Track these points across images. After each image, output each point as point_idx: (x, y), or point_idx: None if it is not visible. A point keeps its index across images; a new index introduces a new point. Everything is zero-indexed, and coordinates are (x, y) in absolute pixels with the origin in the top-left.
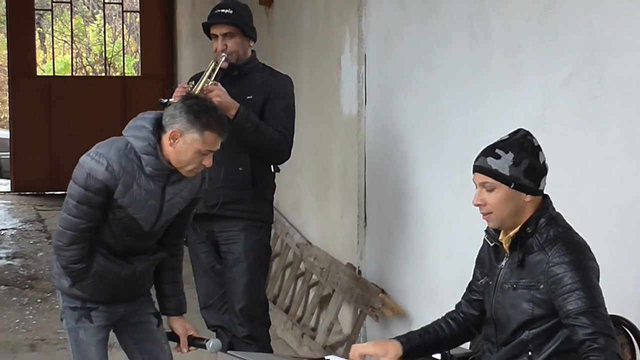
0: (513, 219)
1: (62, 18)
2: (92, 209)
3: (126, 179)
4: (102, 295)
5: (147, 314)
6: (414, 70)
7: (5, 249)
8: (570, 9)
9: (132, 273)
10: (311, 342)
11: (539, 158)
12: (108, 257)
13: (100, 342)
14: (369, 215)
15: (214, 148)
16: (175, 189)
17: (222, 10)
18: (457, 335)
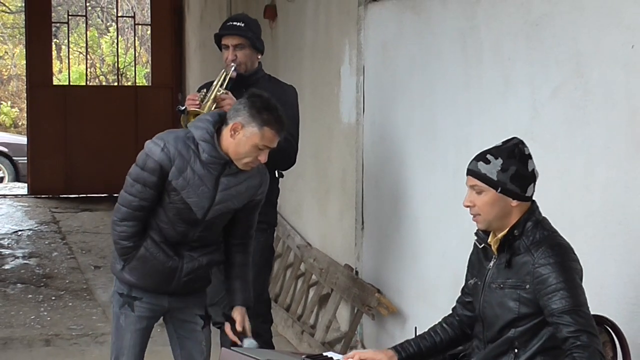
0: (500, 221)
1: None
2: (147, 188)
3: (180, 161)
4: (147, 282)
5: (195, 315)
6: (409, 81)
7: (22, 249)
8: (556, 25)
9: (178, 267)
10: (310, 339)
11: (527, 166)
12: (158, 245)
13: (139, 331)
14: (366, 219)
15: (271, 144)
16: (230, 181)
17: (234, 23)
18: (454, 339)
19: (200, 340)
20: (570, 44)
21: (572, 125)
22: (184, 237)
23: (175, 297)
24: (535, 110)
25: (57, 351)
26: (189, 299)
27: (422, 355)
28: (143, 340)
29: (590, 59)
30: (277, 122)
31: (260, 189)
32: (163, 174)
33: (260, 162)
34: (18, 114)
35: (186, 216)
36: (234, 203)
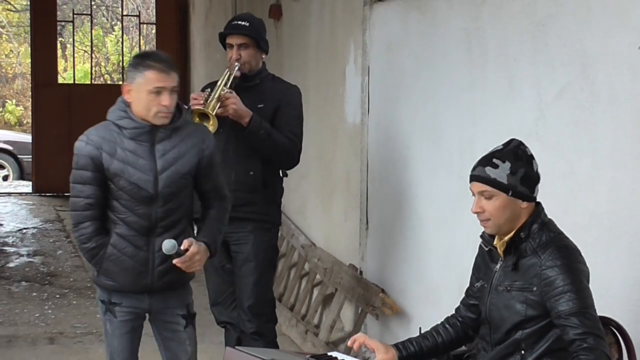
0: (509, 224)
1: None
2: (86, 185)
3: (108, 146)
4: (122, 281)
5: (176, 315)
6: (414, 82)
7: (26, 247)
8: (562, 26)
9: (149, 257)
10: (314, 338)
11: (533, 166)
12: (125, 238)
13: (124, 335)
14: (370, 219)
15: (161, 84)
16: (166, 146)
17: (239, 22)
18: (455, 339)
19: (184, 340)
20: (576, 45)
21: (577, 127)
22: (148, 219)
23: (156, 297)
24: (540, 111)
25: (61, 349)
26: (170, 299)
27: (423, 355)
28: (132, 343)
29: (596, 60)
30: (156, 61)
31: (204, 144)
32: (96, 165)
33: (166, 106)
34: (23, 112)
35: (138, 196)
36: (181, 166)
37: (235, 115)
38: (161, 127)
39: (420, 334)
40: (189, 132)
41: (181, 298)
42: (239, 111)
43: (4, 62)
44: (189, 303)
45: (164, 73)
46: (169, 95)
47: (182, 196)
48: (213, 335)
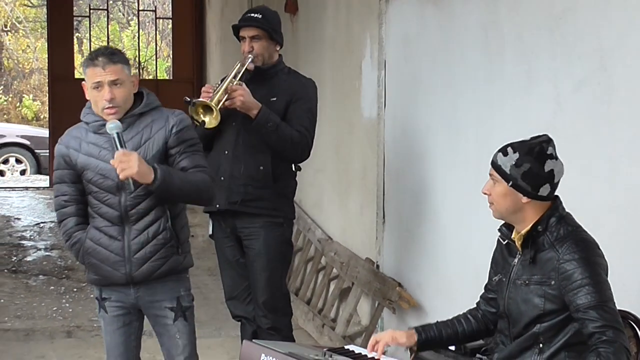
0: (512, 215)
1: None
2: (62, 183)
3: (74, 142)
4: (103, 273)
5: (164, 308)
6: (431, 76)
7: (44, 241)
8: (580, 19)
9: (124, 246)
10: (331, 332)
11: (543, 165)
12: (100, 230)
13: (116, 331)
14: (387, 213)
15: (98, 78)
16: (129, 134)
17: (251, 15)
18: (476, 331)
19: (173, 333)
20: (594, 38)
21: (595, 121)
22: (118, 208)
23: (142, 289)
24: (558, 105)
25: (78, 343)
26: (157, 291)
27: (442, 341)
28: (126, 338)
29: (614, 54)
30: (94, 58)
31: (169, 124)
32: (67, 163)
33: (107, 100)
34: (40, 107)
35: (105, 185)
36: (146, 151)
37: (243, 107)
38: (122, 117)
39: (441, 321)
40: (154, 117)
41: (170, 290)
42: (246, 103)
43: (21, 57)
44: (180, 295)
45: (99, 67)
46: (108, 88)
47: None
48: (229, 329)
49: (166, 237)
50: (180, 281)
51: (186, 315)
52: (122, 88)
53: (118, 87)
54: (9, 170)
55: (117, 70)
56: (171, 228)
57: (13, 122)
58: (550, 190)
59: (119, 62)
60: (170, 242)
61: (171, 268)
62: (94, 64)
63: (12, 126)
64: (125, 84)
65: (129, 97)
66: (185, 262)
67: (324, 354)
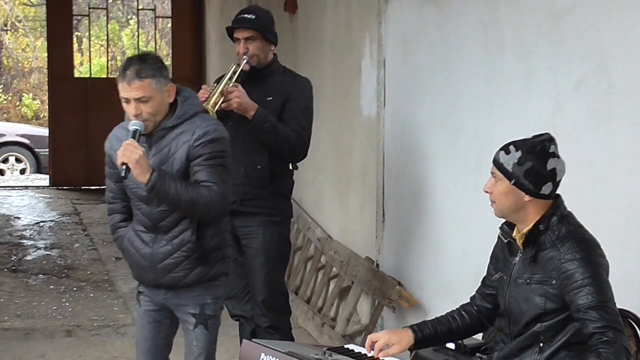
0: (514, 214)
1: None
2: (109, 180)
3: (117, 143)
4: (136, 272)
5: (187, 314)
6: (430, 75)
7: (43, 240)
8: (579, 18)
9: (151, 253)
10: (331, 331)
11: (545, 164)
12: (136, 232)
13: (147, 325)
14: (387, 212)
15: (124, 95)
16: (160, 146)
17: (245, 15)
18: (470, 327)
19: (191, 340)
20: (594, 37)
21: (595, 119)
22: (150, 217)
23: (170, 293)
24: (558, 103)
25: (78, 342)
26: (183, 296)
27: (438, 339)
28: (153, 335)
29: (614, 52)
30: (123, 71)
31: (192, 142)
32: (111, 162)
33: (133, 116)
34: (40, 106)
35: (138, 194)
36: (172, 165)
37: (240, 108)
38: (155, 129)
39: (436, 318)
40: (184, 129)
41: (196, 297)
42: (243, 104)
43: (20, 56)
44: (205, 303)
45: (125, 83)
46: (134, 104)
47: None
48: (228, 328)
49: (190, 249)
50: (208, 289)
51: (208, 324)
52: (149, 103)
53: (145, 103)
54: (8, 169)
55: (144, 87)
56: (195, 241)
57: (13, 121)
58: (552, 189)
59: (147, 77)
60: (195, 255)
61: (197, 279)
62: (122, 78)
63: (12, 125)
64: (154, 98)
65: (160, 110)
66: (214, 271)
67: (323, 353)
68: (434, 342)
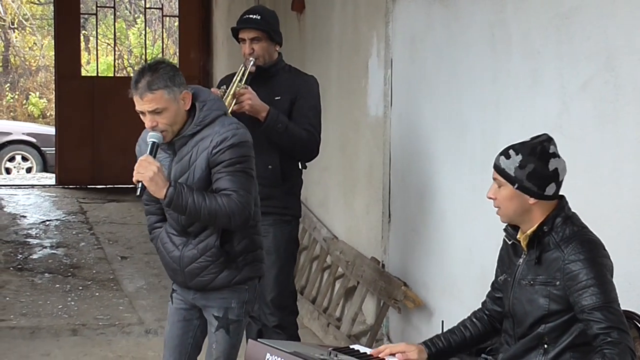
0: (520, 217)
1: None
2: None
3: (145, 148)
4: (168, 273)
5: (212, 315)
6: (437, 75)
7: (49, 239)
8: (586, 18)
9: (180, 256)
10: (336, 331)
11: (547, 165)
12: (168, 235)
13: (176, 323)
14: (393, 212)
15: (138, 108)
16: (182, 153)
17: (250, 16)
18: (483, 334)
19: (212, 342)
20: (601, 37)
21: (601, 120)
22: (178, 222)
23: (199, 294)
24: (564, 104)
25: (84, 341)
26: (210, 298)
27: (452, 351)
28: (182, 333)
29: (621, 53)
30: (135, 82)
31: (210, 149)
32: None
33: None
34: (46, 104)
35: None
36: (194, 172)
37: (252, 110)
38: (176, 137)
39: (448, 330)
40: (204, 135)
41: (222, 299)
42: (255, 106)
43: (27, 54)
44: (229, 307)
45: (138, 97)
46: (150, 116)
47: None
48: None
49: (214, 254)
50: (235, 292)
51: (229, 329)
52: (164, 114)
53: (160, 115)
54: (15, 168)
55: (156, 99)
56: (218, 246)
57: (19, 119)
58: (555, 189)
59: (159, 89)
60: (219, 260)
61: (224, 282)
62: (135, 91)
63: (19, 124)
64: (169, 109)
65: (176, 119)
66: (242, 275)
67: (329, 354)
68: (449, 354)
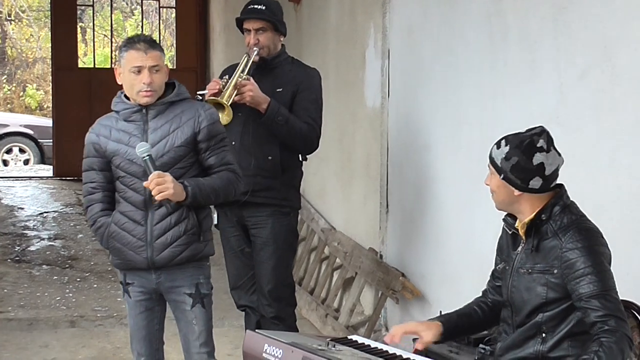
0: (509, 207)
1: (103, 13)
2: (90, 171)
3: (105, 130)
4: (126, 257)
5: (183, 294)
6: (435, 65)
7: (47, 231)
8: (583, 9)
9: (147, 230)
10: (334, 322)
11: (532, 159)
12: (125, 214)
13: (140, 315)
14: (390, 203)
15: (139, 63)
16: (159, 122)
17: (255, 6)
18: (490, 319)
19: (191, 319)
20: (598, 27)
21: (598, 110)
22: (144, 192)
23: (163, 275)
24: (561, 94)
25: (82, 332)
26: (177, 277)
27: (462, 331)
28: (148, 323)
29: (618, 43)
30: (135, 42)
31: (200, 116)
32: (97, 150)
33: (145, 84)
34: (43, 96)
35: (132, 170)
36: (174, 139)
37: (253, 102)
38: (153, 104)
39: (459, 310)
40: (184, 108)
41: (190, 277)
42: (256, 98)
43: (24, 46)
44: (199, 282)
45: (142, 52)
46: (148, 73)
47: (176, 170)
48: (233, 319)
49: (188, 225)
50: (200, 268)
51: (204, 302)
52: (159, 74)
53: (156, 73)
54: (12, 159)
55: (157, 57)
56: (194, 216)
57: (16, 111)
58: (542, 183)
59: (158, 50)
60: (192, 230)
61: (192, 255)
62: (136, 48)
63: (16, 116)
64: (162, 70)
65: (162, 85)
66: (206, 250)
67: (327, 344)
68: (460, 334)
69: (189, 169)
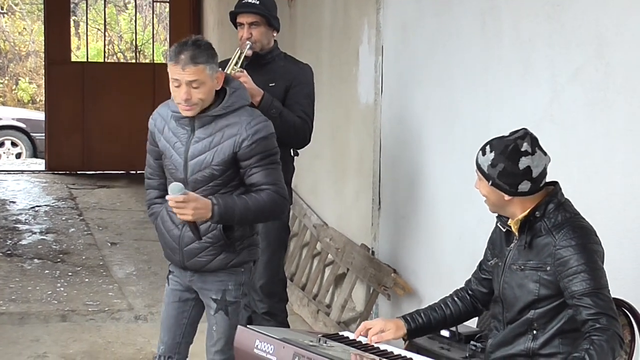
0: (502, 210)
1: (96, 7)
2: (149, 155)
3: (160, 122)
4: (165, 252)
5: (210, 298)
6: (428, 62)
7: (39, 225)
8: (577, 7)
9: (179, 235)
10: (326, 318)
11: (517, 163)
12: (169, 212)
13: (171, 304)
14: (383, 199)
15: (176, 77)
16: (203, 133)
17: (249, 0)
18: (463, 313)
19: (212, 324)
20: (592, 25)
21: (592, 108)
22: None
23: (196, 276)
24: (555, 92)
25: (73, 327)
26: (207, 280)
27: (431, 327)
28: (177, 314)
29: (612, 41)
30: (178, 53)
31: (240, 139)
32: (153, 139)
33: (182, 100)
34: (36, 90)
35: (175, 176)
36: (212, 156)
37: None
38: (201, 113)
39: (429, 306)
40: (231, 121)
41: (219, 282)
42: (250, 90)
43: (17, 39)
44: (227, 289)
45: (179, 66)
46: (185, 88)
47: (211, 188)
48: None
49: (215, 236)
50: (232, 274)
51: (228, 310)
52: (201, 89)
53: (196, 88)
54: (4, 153)
55: (197, 72)
56: (220, 229)
57: (9, 105)
58: (531, 185)
59: (201, 64)
60: (219, 242)
61: (222, 264)
62: (176, 61)
63: (8, 109)
64: (205, 83)
65: (209, 96)
66: (239, 259)
67: (318, 340)
68: (428, 331)
69: (226, 185)
